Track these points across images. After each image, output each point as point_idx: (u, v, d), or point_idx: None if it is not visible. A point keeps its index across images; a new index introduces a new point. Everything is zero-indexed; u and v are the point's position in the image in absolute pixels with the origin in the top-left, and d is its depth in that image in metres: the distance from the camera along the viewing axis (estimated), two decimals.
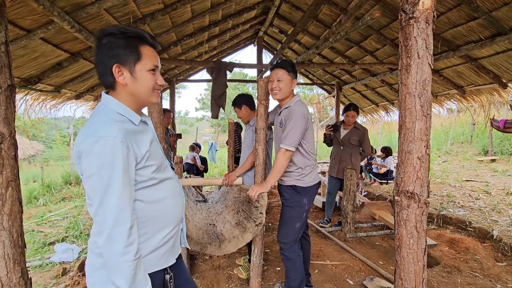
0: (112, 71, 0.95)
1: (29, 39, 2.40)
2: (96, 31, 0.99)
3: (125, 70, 0.95)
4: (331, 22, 4.30)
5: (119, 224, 0.85)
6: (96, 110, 0.97)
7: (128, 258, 0.85)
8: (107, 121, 0.90)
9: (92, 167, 0.85)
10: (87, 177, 0.87)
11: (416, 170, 1.48)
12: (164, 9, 3.15)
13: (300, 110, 2.00)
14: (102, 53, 0.95)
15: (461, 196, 4.94)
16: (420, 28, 1.41)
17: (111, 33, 0.94)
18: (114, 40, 0.94)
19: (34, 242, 3.74)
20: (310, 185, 2.11)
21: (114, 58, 0.94)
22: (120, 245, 0.84)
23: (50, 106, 4.08)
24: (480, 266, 2.80)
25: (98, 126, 0.88)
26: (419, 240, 1.51)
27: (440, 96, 4.80)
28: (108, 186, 0.84)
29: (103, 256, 0.86)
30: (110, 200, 0.84)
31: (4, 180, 1.41)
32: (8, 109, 1.42)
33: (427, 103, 1.46)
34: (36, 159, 11.93)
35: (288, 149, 1.97)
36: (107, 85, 0.99)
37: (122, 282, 0.85)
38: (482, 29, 3.03)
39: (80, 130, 0.93)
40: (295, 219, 2.11)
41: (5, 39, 1.40)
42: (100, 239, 0.85)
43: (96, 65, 0.98)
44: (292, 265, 2.12)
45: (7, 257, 1.42)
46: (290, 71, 2.03)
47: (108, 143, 0.85)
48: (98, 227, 0.86)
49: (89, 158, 0.85)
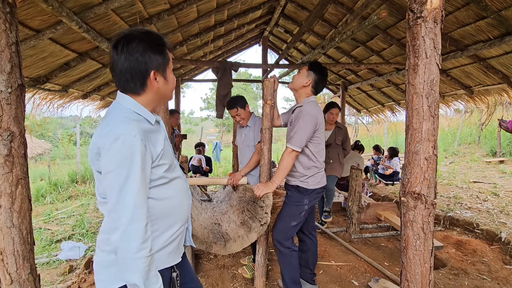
0: (147, 78, 0.95)
1: (38, 39, 2.44)
2: (119, 34, 0.94)
3: (159, 75, 0.97)
4: (337, 21, 4.28)
5: (135, 221, 0.85)
6: (112, 108, 0.98)
7: (143, 254, 0.85)
8: (125, 119, 0.91)
9: (111, 164, 0.86)
10: (105, 174, 0.87)
11: (423, 171, 1.47)
12: (170, 9, 3.17)
13: (310, 111, 1.99)
14: (134, 60, 0.91)
15: (468, 198, 4.88)
16: (428, 27, 1.40)
17: (140, 38, 0.92)
18: (147, 46, 0.92)
19: (42, 240, 3.79)
20: (313, 188, 2.09)
21: (149, 65, 0.93)
22: (136, 242, 0.84)
23: (58, 106, 4.14)
24: (488, 268, 2.76)
25: (117, 124, 0.89)
26: (425, 242, 1.50)
27: (448, 96, 4.75)
28: (126, 183, 0.85)
29: (117, 253, 0.85)
30: (127, 197, 0.85)
31: (14, 178, 1.43)
32: (18, 108, 1.44)
33: (434, 104, 1.45)
34: (43, 157, 12.09)
35: (294, 149, 1.96)
36: (131, 90, 0.96)
37: (138, 278, 0.85)
38: (491, 29, 2.98)
39: (98, 127, 0.94)
40: (291, 217, 2.10)
41: (16, 39, 1.42)
42: (114, 236, 0.85)
43: (122, 72, 0.93)
44: (284, 259, 2.13)
45: (17, 254, 1.44)
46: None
47: (128, 141, 0.86)
48: (113, 223, 0.86)
49: (108, 155, 0.86)
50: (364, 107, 7.24)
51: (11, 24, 1.40)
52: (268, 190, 2.02)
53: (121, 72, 0.93)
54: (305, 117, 1.97)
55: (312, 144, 2.04)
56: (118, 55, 0.92)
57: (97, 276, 0.98)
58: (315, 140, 2.04)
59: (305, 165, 2.08)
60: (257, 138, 2.50)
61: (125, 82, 0.95)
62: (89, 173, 7.92)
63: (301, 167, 2.08)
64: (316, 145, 2.06)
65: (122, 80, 0.95)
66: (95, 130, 0.97)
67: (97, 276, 0.98)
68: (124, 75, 0.94)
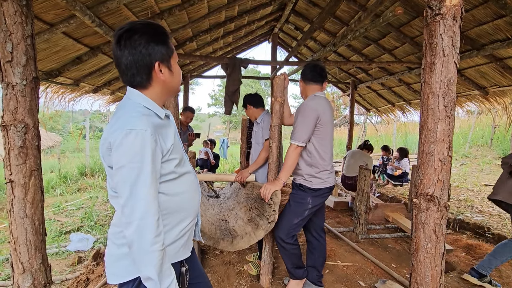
0: (152, 70, 0.94)
1: (52, 33, 2.46)
2: (120, 29, 0.92)
3: (164, 66, 0.96)
4: (348, 19, 4.21)
5: (148, 215, 0.86)
6: (123, 104, 0.97)
7: (157, 248, 0.86)
8: (136, 114, 0.90)
9: (122, 159, 0.85)
10: (117, 169, 0.87)
11: (437, 173, 1.44)
12: (182, 5, 3.17)
13: (310, 104, 1.95)
14: (138, 53, 0.91)
15: (479, 201, 4.78)
16: (446, 25, 1.36)
17: (142, 30, 0.91)
18: (149, 38, 0.92)
19: (51, 231, 3.87)
20: (317, 187, 2.03)
21: (153, 56, 0.93)
22: (150, 236, 0.85)
23: (69, 99, 4.20)
24: (499, 274, 2.70)
25: (128, 119, 0.89)
26: (437, 245, 1.47)
27: (461, 97, 4.64)
28: (138, 178, 0.85)
29: (131, 247, 0.86)
30: (140, 192, 0.85)
31: (28, 170, 1.45)
32: (33, 101, 1.47)
33: (451, 103, 1.41)
34: (53, 150, 12.32)
35: (298, 144, 1.92)
36: (139, 84, 0.96)
37: (152, 271, 0.86)
38: (509, 28, 2.89)
39: (109, 122, 0.94)
40: (293, 214, 2.07)
41: (31, 32, 1.44)
42: (128, 230, 0.86)
43: (127, 67, 0.93)
44: (286, 253, 2.13)
45: (29, 244, 1.47)
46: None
47: (139, 136, 0.86)
48: (127, 218, 0.86)
49: (120, 150, 0.85)
50: (374, 106, 7.14)
51: (27, 17, 1.41)
52: (275, 188, 2.01)
53: (126, 66, 0.93)
54: (304, 111, 1.93)
55: (315, 138, 1.97)
56: (121, 50, 0.91)
57: (109, 269, 0.99)
58: (318, 134, 1.96)
59: (308, 163, 2.03)
60: (265, 135, 2.49)
61: (131, 76, 0.94)
62: (98, 167, 8.04)
63: (304, 164, 2.04)
64: (319, 140, 1.98)
65: (129, 75, 0.94)
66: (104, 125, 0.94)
67: (109, 270, 0.99)
68: (130, 70, 0.93)
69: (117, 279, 0.96)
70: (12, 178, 1.43)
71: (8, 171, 1.44)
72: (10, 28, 1.37)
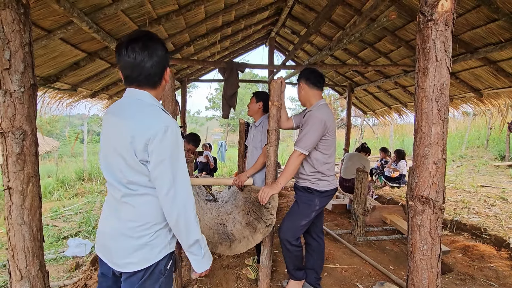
0: (164, 73, 1.08)
1: (50, 39, 2.47)
2: (132, 35, 1.02)
3: (166, 71, 1.10)
4: (344, 23, 4.26)
5: (190, 196, 1.04)
6: (137, 103, 1.04)
7: (197, 219, 1.08)
8: (162, 111, 1.04)
9: (165, 152, 0.98)
10: (159, 162, 0.97)
11: (431, 175, 1.46)
12: (179, 10, 3.19)
13: (318, 115, 2.01)
14: (159, 56, 1.03)
15: (476, 202, 4.81)
16: (439, 30, 1.39)
17: (156, 38, 1.04)
18: (162, 45, 1.05)
19: (49, 236, 3.85)
20: (324, 189, 2.10)
21: (166, 61, 1.08)
22: (193, 212, 1.05)
23: (66, 104, 4.20)
24: (496, 274, 2.72)
25: (162, 116, 1.01)
26: (433, 247, 1.48)
27: (456, 99, 4.69)
28: (180, 166, 1.02)
29: (178, 222, 1.02)
30: (183, 178, 1.02)
31: (26, 176, 1.46)
32: (31, 108, 1.47)
33: (444, 107, 1.43)
34: (51, 155, 12.27)
35: (301, 152, 1.98)
36: (153, 85, 1.07)
37: (198, 234, 1.08)
38: (502, 31, 2.94)
39: (133, 119, 1.00)
40: (300, 215, 2.10)
41: (29, 39, 1.45)
42: (174, 210, 1.01)
43: (155, 65, 1.03)
44: (290, 255, 2.15)
45: (27, 250, 1.47)
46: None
47: (175, 130, 1.00)
48: (172, 200, 1.00)
49: (163, 145, 0.97)
50: (371, 108, 7.19)
51: (25, 25, 1.43)
52: (273, 192, 2.03)
53: (152, 67, 1.02)
54: (313, 122, 1.99)
55: (323, 146, 2.06)
56: (142, 52, 1.00)
57: (124, 260, 1.05)
58: (325, 142, 2.05)
59: (314, 169, 2.09)
60: (263, 140, 2.50)
61: (152, 76, 1.04)
62: (95, 171, 8.00)
63: (311, 169, 2.09)
64: (326, 148, 2.07)
65: (149, 76, 1.04)
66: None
67: (124, 260, 1.06)
68: (151, 70, 1.03)
69: (135, 266, 1.05)
70: (10, 185, 1.44)
71: (6, 177, 1.44)
72: (8, 36, 1.38)
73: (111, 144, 1.04)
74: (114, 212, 1.09)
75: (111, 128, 1.05)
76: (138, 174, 1.01)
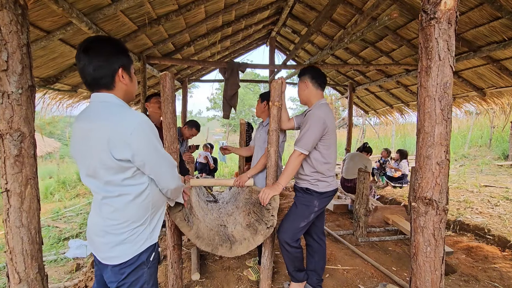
0: (116, 74, 1.10)
1: (49, 40, 2.46)
2: (86, 41, 1.06)
3: (125, 73, 1.13)
4: (345, 22, 4.23)
5: (174, 167, 1.25)
6: (103, 106, 1.09)
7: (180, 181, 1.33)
8: (129, 109, 1.10)
9: (144, 142, 1.07)
10: (147, 151, 1.08)
11: (435, 176, 1.43)
12: (179, 10, 3.18)
13: (318, 114, 1.97)
14: (108, 59, 1.07)
15: (479, 202, 4.77)
16: (441, 29, 1.36)
17: (107, 41, 1.08)
18: (118, 48, 1.10)
19: (50, 237, 3.85)
20: (324, 191, 2.06)
21: (119, 63, 1.10)
22: (178, 181, 1.30)
23: (67, 105, 4.20)
24: (500, 275, 2.69)
25: (131, 113, 1.07)
26: (436, 248, 1.46)
27: (459, 98, 4.65)
28: (159, 148, 1.14)
29: (171, 190, 1.26)
30: (164, 155, 1.17)
31: (24, 178, 1.44)
32: (28, 109, 1.46)
33: (447, 107, 1.41)
34: (52, 155, 12.30)
35: (301, 152, 1.95)
36: (105, 85, 1.11)
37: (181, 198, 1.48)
38: (505, 29, 2.91)
39: (106, 122, 1.05)
40: (299, 217, 2.07)
41: (27, 41, 1.43)
42: (172, 185, 1.25)
43: (96, 68, 1.06)
44: (290, 256, 2.13)
45: (25, 253, 1.46)
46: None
47: (147, 123, 1.09)
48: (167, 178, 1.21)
49: (142, 136, 1.05)
50: (372, 108, 7.15)
51: (23, 26, 1.41)
52: (274, 192, 2.01)
53: (95, 69, 1.06)
54: (313, 120, 1.96)
55: (322, 146, 2.02)
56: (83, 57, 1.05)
57: (107, 254, 1.14)
58: (325, 142, 2.01)
59: (314, 169, 2.05)
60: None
61: (99, 78, 1.08)
62: None
63: (310, 171, 2.06)
64: (326, 147, 2.03)
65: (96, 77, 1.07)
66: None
67: (107, 254, 1.14)
68: (98, 72, 1.06)
69: (117, 260, 1.14)
70: (8, 187, 1.42)
71: (4, 180, 1.43)
72: (5, 37, 1.36)
73: (86, 151, 1.09)
74: (97, 210, 1.16)
75: (85, 135, 1.09)
76: (115, 174, 1.07)
